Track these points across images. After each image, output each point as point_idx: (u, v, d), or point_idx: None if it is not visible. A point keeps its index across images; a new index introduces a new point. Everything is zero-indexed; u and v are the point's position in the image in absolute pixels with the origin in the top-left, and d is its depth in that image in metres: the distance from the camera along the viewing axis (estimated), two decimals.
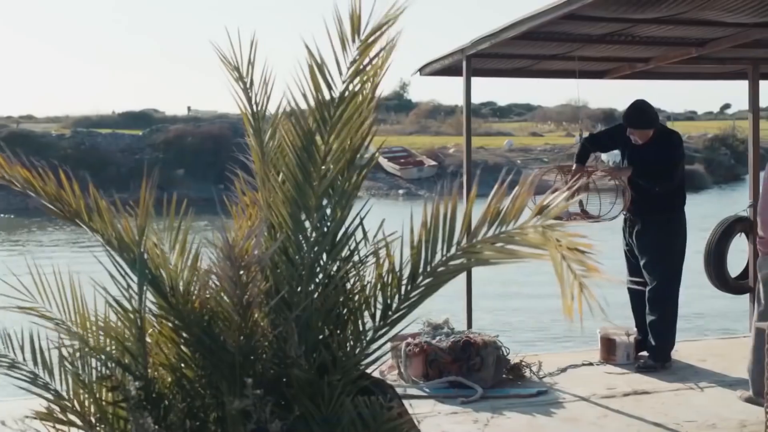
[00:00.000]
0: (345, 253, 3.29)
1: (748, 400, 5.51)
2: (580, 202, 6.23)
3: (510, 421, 5.38)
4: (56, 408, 3.22)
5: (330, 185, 3.13)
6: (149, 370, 3.16)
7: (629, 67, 7.28)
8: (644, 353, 6.63)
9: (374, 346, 3.27)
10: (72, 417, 3.20)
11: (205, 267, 3.14)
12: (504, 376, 6.20)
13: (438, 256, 3.08)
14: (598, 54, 6.78)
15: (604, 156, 8.18)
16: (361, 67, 2.88)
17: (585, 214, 6.18)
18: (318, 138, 3.03)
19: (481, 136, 53.79)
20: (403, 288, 3.16)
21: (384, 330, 3.24)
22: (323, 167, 3.07)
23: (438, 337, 6.23)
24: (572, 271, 2.65)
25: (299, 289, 3.17)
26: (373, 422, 3.08)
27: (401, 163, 35.65)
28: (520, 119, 68.76)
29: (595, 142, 6.76)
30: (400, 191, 33.94)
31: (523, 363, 6.35)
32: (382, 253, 3.24)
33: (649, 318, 6.54)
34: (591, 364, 6.58)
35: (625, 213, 6.58)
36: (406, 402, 5.80)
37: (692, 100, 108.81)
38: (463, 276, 6.85)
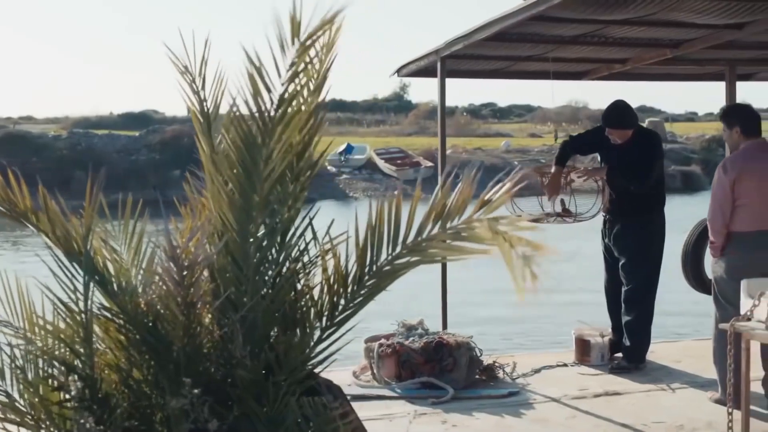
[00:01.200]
0: (295, 253, 3.32)
1: (718, 402, 5.52)
2: (562, 201, 6.24)
3: (478, 422, 5.38)
4: (7, 408, 3.24)
5: (273, 187, 3.13)
6: (96, 371, 3.17)
7: (607, 68, 7.30)
8: (619, 354, 6.63)
9: (323, 346, 3.30)
10: (21, 417, 3.22)
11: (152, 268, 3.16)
12: (477, 377, 6.20)
13: (383, 256, 3.10)
14: (574, 55, 6.79)
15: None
16: (299, 69, 2.89)
17: (567, 213, 6.19)
18: (259, 139, 3.04)
19: (480, 137, 53.88)
20: (349, 288, 3.18)
21: (331, 330, 3.25)
22: (266, 168, 3.08)
23: (411, 338, 6.24)
24: (521, 255, 2.63)
25: (245, 289, 3.19)
26: (316, 422, 3.10)
27: (398, 164, 35.68)
28: (520, 120, 68.84)
29: (575, 145, 6.76)
30: (396, 192, 33.89)
31: (496, 364, 6.35)
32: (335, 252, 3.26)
33: (624, 319, 6.54)
34: (565, 365, 6.59)
35: (604, 214, 6.59)
36: (378, 403, 5.86)
37: (693, 101, 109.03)
38: (449, 276, 6.88)
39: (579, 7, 5.12)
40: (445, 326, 6.87)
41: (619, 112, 6.40)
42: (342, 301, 3.18)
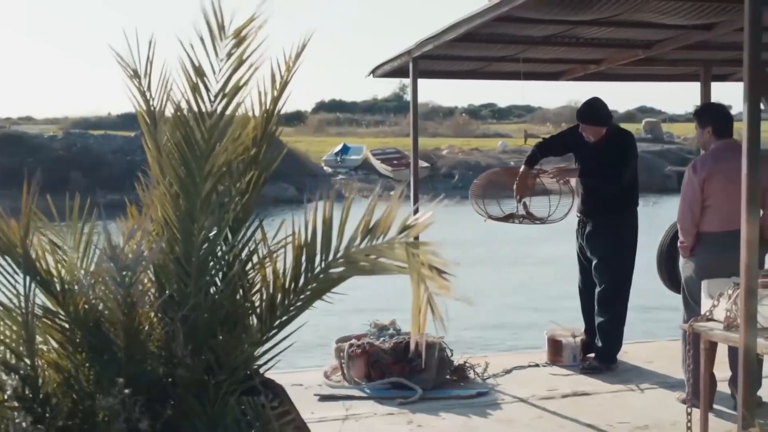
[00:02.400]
0: (246, 254, 3.34)
1: (684, 402, 5.51)
2: (525, 204, 6.25)
3: (444, 422, 5.39)
4: None
5: (215, 187, 3.14)
6: (39, 371, 3.18)
7: (582, 68, 7.30)
8: (592, 354, 6.63)
9: (267, 346, 3.32)
10: None
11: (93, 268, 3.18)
12: (448, 377, 6.21)
13: (317, 263, 3.12)
14: (548, 56, 6.79)
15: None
16: (231, 68, 2.91)
17: (531, 217, 6.20)
18: (199, 138, 3.06)
19: (479, 137, 53.84)
20: (288, 292, 3.19)
21: (272, 332, 3.27)
22: (206, 168, 3.09)
23: (382, 338, 6.25)
24: (426, 288, 2.74)
25: (189, 289, 3.20)
26: (254, 421, 3.11)
27: (394, 164, 35.66)
28: (519, 121, 68.74)
29: (546, 148, 6.75)
30: (392, 193, 33.92)
31: (467, 364, 6.36)
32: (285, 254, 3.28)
33: (597, 319, 6.55)
34: (537, 365, 6.59)
35: (577, 214, 6.60)
36: (345, 403, 5.86)
37: (693, 102, 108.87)
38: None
39: (543, 8, 5.11)
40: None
41: (593, 108, 6.41)
42: (281, 304, 3.20)
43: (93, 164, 31.01)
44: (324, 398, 5.88)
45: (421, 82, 6.66)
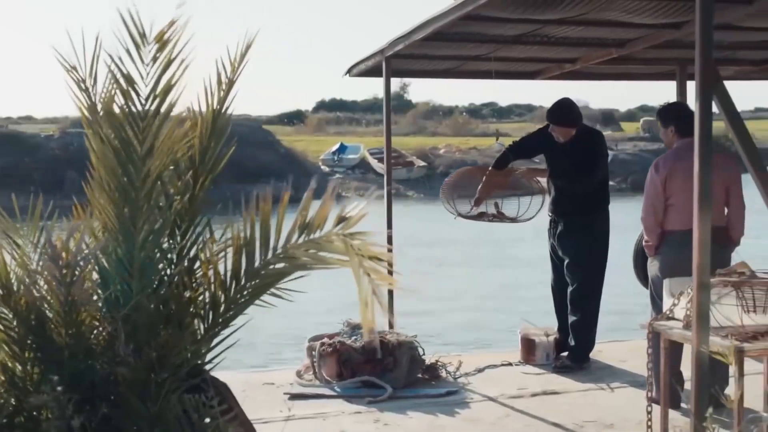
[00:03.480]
0: (194, 252, 3.35)
1: (651, 401, 5.51)
2: (496, 204, 6.25)
3: (411, 421, 5.39)
4: None
5: (153, 187, 3.15)
6: None
7: (558, 67, 7.30)
8: (566, 353, 6.63)
9: (211, 344, 3.34)
10: None
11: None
12: (420, 376, 6.22)
13: (257, 261, 3.14)
14: (522, 55, 6.79)
15: None
16: (164, 68, 2.92)
17: (501, 216, 6.21)
18: (133, 138, 3.07)
19: (478, 136, 53.83)
20: (228, 290, 3.21)
21: (215, 330, 3.28)
22: (143, 169, 3.10)
23: (354, 337, 6.26)
24: (369, 279, 2.74)
25: (130, 289, 3.21)
26: (197, 419, 3.13)
27: (391, 163, 35.65)
28: (520, 120, 68.70)
29: (519, 150, 6.76)
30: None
31: (439, 363, 6.36)
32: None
33: (570, 318, 6.56)
34: (510, 364, 6.60)
35: (549, 214, 6.61)
36: (315, 402, 5.86)
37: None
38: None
39: (509, 7, 5.12)
40: (391, 325, 6.87)
41: (563, 109, 6.43)
42: (222, 303, 3.21)
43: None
44: (294, 397, 5.89)
45: (421, 81, 6.79)
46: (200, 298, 3.25)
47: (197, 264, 3.35)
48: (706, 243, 3.85)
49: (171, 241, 3.34)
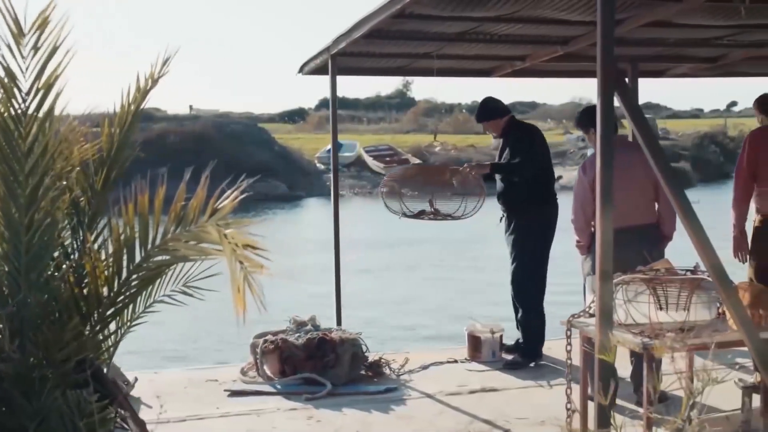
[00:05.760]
0: (97, 248, 3.39)
1: (588, 398, 5.52)
2: (431, 202, 6.26)
3: (344, 418, 5.40)
4: None
5: (39, 184, 3.17)
6: None
7: (510, 65, 7.31)
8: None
9: (99, 339, 3.36)
10: None
11: None
12: (363, 372, 6.23)
13: (138, 254, 3.16)
14: (468, 52, 6.78)
15: None
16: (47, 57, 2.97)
17: (438, 213, 6.21)
18: (16, 135, 3.09)
19: (478, 134, 53.72)
20: (112, 284, 3.23)
21: (99, 326, 3.30)
22: (27, 166, 3.12)
23: (298, 335, 6.27)
24: (242, 266, 2.78)
25: (19, 284, 3.24)
26: (78, 414, 3.15)
27: (386, 161, 35.64)
28: (522, 117, 68.45)
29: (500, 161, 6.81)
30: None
31: (382, 360, 6.38)
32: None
33: (516, 315, 6.58)
34: (456, 361, 6.61)
35: (502, 210, 6.65)
36: (254, 399, 5.87)
37: (699, 98, 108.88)
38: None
39: (439, 5, 5.13)
40: (339, 323, 6.90)
41: (481, 105, 6.72)
42: (106, 298, 3.23)
43: None
44: (233, 394, 5.91)
45: (422, 80, 6.79)
46: (86, 294, 3.28)
47: (67, 262, 3.39)
48: (608, 244, 3.87)
49: (59, 238, 3.37)
